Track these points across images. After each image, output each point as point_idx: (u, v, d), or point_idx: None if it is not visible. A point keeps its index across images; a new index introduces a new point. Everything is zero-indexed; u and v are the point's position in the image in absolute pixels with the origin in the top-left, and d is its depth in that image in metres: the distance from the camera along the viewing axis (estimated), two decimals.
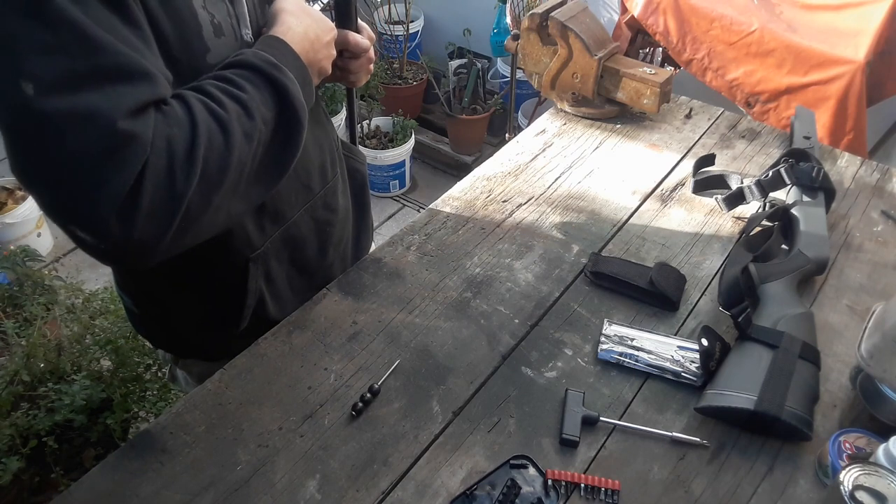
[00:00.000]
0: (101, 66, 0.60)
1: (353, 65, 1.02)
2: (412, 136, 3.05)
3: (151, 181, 0.62)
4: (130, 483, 0.83)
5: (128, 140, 0.60)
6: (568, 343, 1.01)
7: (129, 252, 0.64)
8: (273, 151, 0.75)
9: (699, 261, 1.15)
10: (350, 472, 0.85)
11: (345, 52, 1.00)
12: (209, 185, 0.66)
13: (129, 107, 0.60)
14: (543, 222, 1.23)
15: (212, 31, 0.76)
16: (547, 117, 1.51)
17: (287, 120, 0.76)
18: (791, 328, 0.93)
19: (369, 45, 1.01)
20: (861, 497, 0.68)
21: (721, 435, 0.89)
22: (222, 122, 0.68)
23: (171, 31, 0.71)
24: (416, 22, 3.32)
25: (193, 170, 0.64)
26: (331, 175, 1.07)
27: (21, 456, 1.45)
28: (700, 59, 2.10)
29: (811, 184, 1.17)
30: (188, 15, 0.73)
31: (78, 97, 0.59)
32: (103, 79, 0.60)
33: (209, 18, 0.76)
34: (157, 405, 1.66)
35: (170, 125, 0.64)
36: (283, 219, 0.98)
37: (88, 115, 0.59)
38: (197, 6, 0.74)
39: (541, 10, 1.45)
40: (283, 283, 1.04)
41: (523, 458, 0.86)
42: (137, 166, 0.61)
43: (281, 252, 1.01)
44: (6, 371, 1.57)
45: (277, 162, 0.77)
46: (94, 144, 0.59)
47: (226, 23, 0.79)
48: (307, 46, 0.82)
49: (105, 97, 0.60)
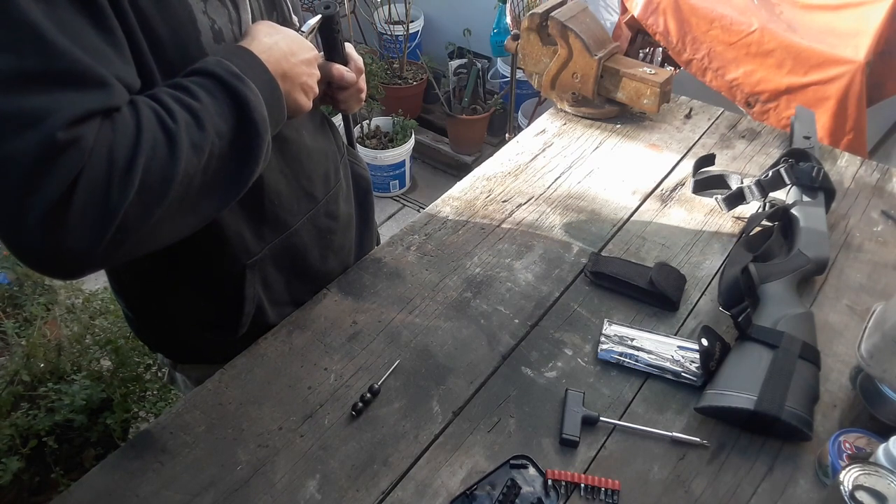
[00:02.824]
0: (52, 69, 0.58)
1: (341, 95, 1.02)
2: (412, 136, 3.05)
3: (85, 191, 0.59)
4: (130, 483, 0.83)
5: (65, 147, 0.58)
6: (568, 343, 1.01)
7: (58, 262, 0.62)
8: (229, 165, 0.71)
9: (699, 261, 1.15)
10: (350, 472, 0.85)
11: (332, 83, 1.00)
12: (149, 196, 0.63)
13: (73, 114, 0.58)
14: (543, 222, 1.23)
15: (211, 36, 0.75)
16: (547, 117, 1.52)
17: (246, 133, 0.71)
18: (791, 328, 0.93)
19: (355, 78, 1.00)
20: (861, 497, 0.68)
21: (721, 435, 0.89)
22: (169, 132, 0.65)
23: (167, 34, 0.70)
24: (416, 22, 3.32)
25: (131, 181, 0.61)
26: (333, 182, 1.06)
27: (21, 456, 1.45)
28: (700, 59, 2.10)
29: (811, 184, 1.17)
30: (186, 19, 0.73)
31: (24, 98, 0.57)
32: (52, 82, 0.58)
33: (209, 24, 0.75)
34: (157, 405, 1.66)
35: (114, 134, 0.62)
36: (284, 227, 0.97)
37: (30, 118, 0.57)
38: (197, 11, 0.74)
39: (541, 10, 1.45)
40: (283, 290, 1.04)
41: (523, 458, 0.86)
42: (71, 175, 0.58)
43: (281, 259, 1.00)
44: (6, 371, 1.57)
45: (234, 176, 0.73)
46: (31, 149, 0.57)
47: (227, 29, 0.78)
48: (277, 57, 0.78)
49: (51, 101, 0.58)
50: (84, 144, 0.59)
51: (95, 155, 0.60)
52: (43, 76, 0.58)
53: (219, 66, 0.71)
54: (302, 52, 0.82)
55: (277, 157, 0.91)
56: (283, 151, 0.92)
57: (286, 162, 0.93)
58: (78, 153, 0.59)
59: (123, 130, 0.62)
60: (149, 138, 0.63)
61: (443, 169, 3.27)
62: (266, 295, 1.00)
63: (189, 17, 0.73)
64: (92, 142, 0.59)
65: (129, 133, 0.62)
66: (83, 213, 0.59)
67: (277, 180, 0.92)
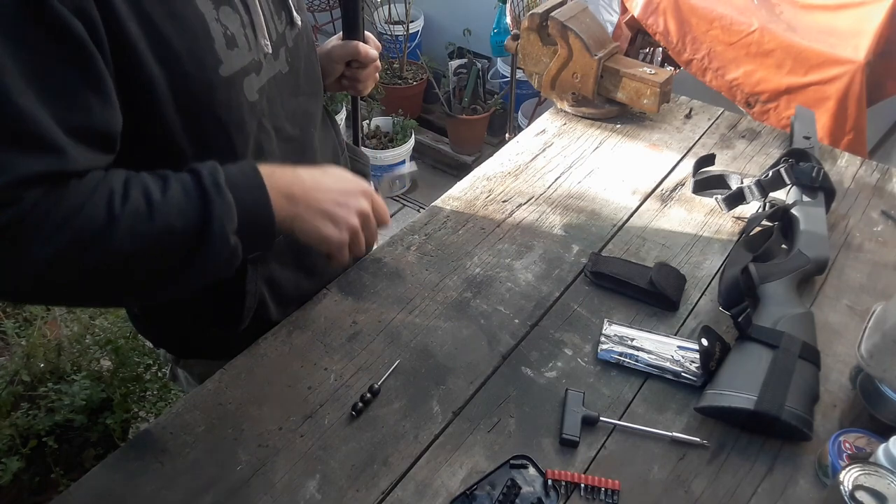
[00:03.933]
0: (10, 129, 0.59)
1: (360, 74, 1.05)
2: (412, 136, 3.05)
3: (9, 239, 0.61)
4: (130, 483, 0.83)
5: (4, 203, 0.60)
6: (568, 343, 1.01)
7: None
8: (172, 260, 0.69)
9: (699, 261, 1.15)
10: (350, 472, 0.85)
11: (353, 62, 1.04)
12: (71, 261, 0.64)
13: (19, 176, 0.60)
14: (543, 222, 1.23)
15: (224, 43, 0.75)
16: (547, 117, 1.51)
17: (200, 239, 0.69)
18: (791, 328, 0.94)
19: (376, 55, 1.03)
20: (861, 497, 0.68)
21: (721, 435, 0.89)
22: (111, 213, 0.65)
23: (181, 46, 0.71)
24: (416, 22, 3.32)
25: (56, 240, 0.63)
26: None
27: (21, 456, 1.45)
28: (700, 59, 2.10)
29: (811, 184, 1.17)
30: (199, 29, 0.73)
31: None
32: (9, 142, 0.60)
33: (222, 31, 0.75)
34: (157, 405, 1.66)
35: (59, 199, 0.63)
36: None
37: None
38: (209, 19, 0.74)
39: (541, 10, 1.45)
40: (291, 287, 1.04)
41: (523, 458, 0.86)
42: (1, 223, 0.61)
43: (285, 255, 1.01)
44: (6, 371, 1.57)
45: (176, 272, 0.71)
46: None
47: (239, 34, 0.78)
48: (290, 181, 0.76)
49: (4, 159, 0.59)
50: (23, 205, 0.61)
51: (31, 213, 0.62)
52: (1, 134, 0.59)
53: (208, 171, 0.71)
54: (340, 184, 0.79)
55: (284, 154, 0.91)
56: (289, 149, 0.93)
57: (292, 159, 0.93)
58: (15, 210, 0.61)
59: (70, 199, 0.64)
60: (88, 213, 0.64)
61: (443, 169, 3.27)
62: (269, 291, 1.00)
63: (202, 27, 0.73)
64: (30, 204, 0.61)
65: (74, 203, 0.64)
66: (3, 257, 0.62)
67: None
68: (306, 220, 0.77)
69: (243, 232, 0.71)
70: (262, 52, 0.82)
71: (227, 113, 0.79)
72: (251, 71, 0.80)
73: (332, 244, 0.78)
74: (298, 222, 0.76)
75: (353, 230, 0.78)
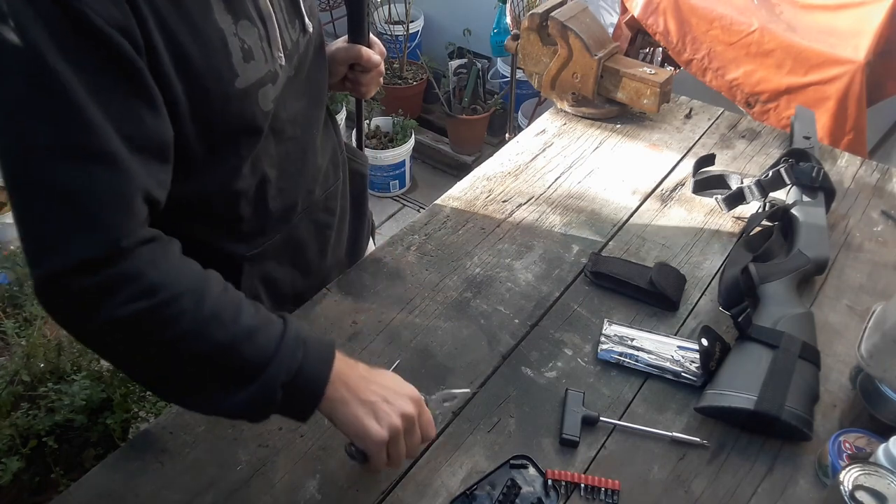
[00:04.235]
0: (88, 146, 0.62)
1: (363, 78, 1.07)
2: (412, 136, 3.04)
3: (98, 282, 0.62)
4: (130, 483, 0.83)
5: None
6: (568, 343, 1.01)
7: (48, 305, 0.66)
8: (213, 378, 0.69)
9: (699, 261, 1.15)
10: (350, 472, 0.85)
11: (356, 65, 1.05)
12: (128, 333, 0.65)
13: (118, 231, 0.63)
14: (543, 222, 1.23)
15: (241, 56, 0.76)
16: (547, 117, 1.51)
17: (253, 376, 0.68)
18: (791, 328, 0.94)
19: (380, 60, 1.04)
20: (861, 497, 0.68)
21: (721, 435, 0.89)
22: (199, 306, 0.67)
23: (202, 62, 0.71)
24: (416, 22, 3.32)
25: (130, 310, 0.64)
26: (333, 179, 1.07)
27: (21, 456, 1.45)
28: (700, 59, 2.10)
29: (811, 184, 1.17)
30: (219, 45, 0.73)
31: (77, 171, 0.61)
32: (88, 159, 0.62)
33: (239, 45, 0.76)
34: (157, 405, 1.66)
35: (157, 259, 0.66)
36: (285, 222, 0.98)
37: (75, 192, 0.61)
38: (228, 34, 0.74)
39: (541, 10, 1.45)
40: (287, 285, 1.04)
41: (523, 458, 0.86)
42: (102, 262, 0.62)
43: (281, 254, 1.01)
44: (6, 371, 1.57)
45: (204, 386, 0.70)
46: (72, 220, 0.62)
47: (256, 47, 0.78)
48: (346, 370, 0.74)
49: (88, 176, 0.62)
50: (129, 265, 0.64)
51: (129, 277, 0.64)
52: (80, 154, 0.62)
53: (294, 323, 0.73)
54: (392, 383, 0.78)
55: (286, 155, 0.92)
56: (290, 150, 0.93)
57: (291, 160, 0.93)
58: (120, 269, 0.63)
59: (167, 264, 0.67)
60: (177, 294, 0.66)
61: (443, 169, 3.27)
62: (265, 290, 1.00)
63: (222, 42, 0.74)
64: (136, 268, 0.64)
65: (171, 271, 0.67)
66: (78, 296, 0.63)
67: (282, 177, 0.93)
68: (350, 406, 0.73)
69: (289, 392, 0.70)
70: (278, 64, 0.83)
71: (240, 122, 0.80)
72: (267, 82, 0.81)
73: (371, 439, 0.73)
74: (342, 407, 0.73)
75: (395, 431, 0.74)
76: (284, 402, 0.70)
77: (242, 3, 0.76)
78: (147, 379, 0.72)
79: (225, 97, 0.75)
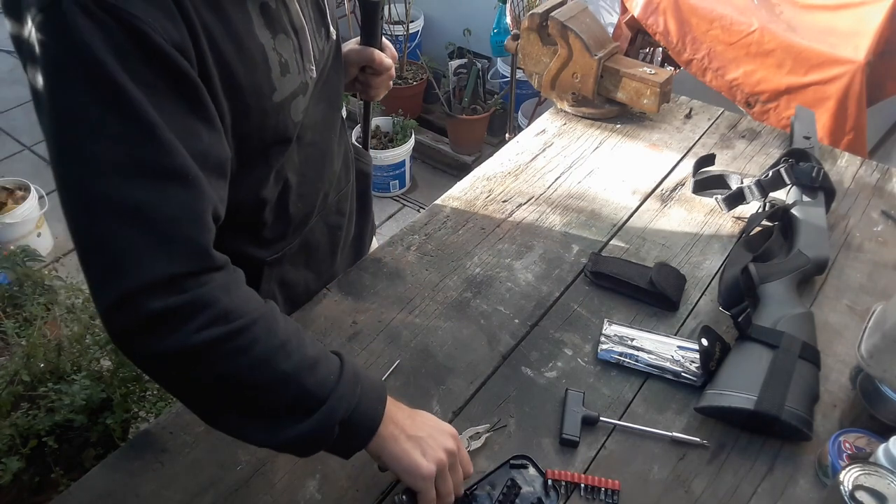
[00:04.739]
0: (162, 165, 0.61)
1: (374, 80, 1.08)
2: (412, 136, 3.04)
3: (178, 309, 0.61)
4: (130, 483, 0.83)
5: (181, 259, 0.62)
6: (568, 343, 1.01)
7: (114, 338, 0.63)
8: (270, 406, 0.68)
9: (699, 261, 1.15)
10: (350, 472, 0.84)
11: (367, 68, 1.07)
12: (202, 361, 0.63)
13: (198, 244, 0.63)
14: (543, 222, 1.23)
15: (279, 71, 0.77)
16: (547, 117, 1.51)
17: (311, 408, 0.67)
18: (791, 328, 0.93)
19: (391, 64, 1.05)
20: (861, 497, 0.68)
21: (721, 435, 0.89)
22: (272, 341, 0.66)
23: (245, 79, 0.72)
24: (416, 22, 3.32)
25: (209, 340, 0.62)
26: (344, 182, 1.09)
27: (21, 456, 1.45)
28: (700, 59, 2.10)
29: (811, 184, 1.17)
30: (261, 60, 0.74)
31: (151, 189, 0.61)
32: (165, 177, 0.61)
33: (277, 59, 0.77)
34: (157, 405, 1.66)
35: (229, 283, 0.65)
36: (304, 225, 0.99)
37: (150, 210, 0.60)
38: (268, 49, 0.75)
39: (541, 10, 1.45)
40: (302, 287, 1.05)
41: (523, 458, 0.86)
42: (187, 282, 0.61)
43: (297, 257, 1.02)
44: (6, 371, 1.57)
45: (261, 416, 0.68)
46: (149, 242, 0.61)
47: (291, 59, 0.79)
48: (400, 415, 0.76)
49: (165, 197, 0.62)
50: (204, 291, 0.62)
51: (212, 291, 0.63)
52: (162, 170, 0.61)
53: (350, 360, 0.72)
54: (433, 422, 0.79)
55: (304, 161, 0.92)
56: (310, 155, 0.93)
57: (311, 165, 0.94)
58: (196, 294, 0.62)
59: (238, 290, 0.66)
60: (251, 321, 0.65)
61: (443, 169, 3.27)
62: (280, 291, 1.01)
63: (262, 57, 0.74)
64: (210, 294, 0.63)
65: (242, 297, 0.66)
66: (160, 319, 0.61)
67: (302, 182, 0.94)
68: (399, 443, 0.74)
69: (345, 427, 0.70)
70: (309, 76, 0.84)
71: (274, 134, 0.81)
72: (299, 94, 0.82)
73: (420, 472, 0.73)
74: (391, 444, 0.74)
75: (442, 465, 0.75)
76: (338, 437, 0.69)
77: (280, 17, 0.77)
78: (206, 408, 0.69)
79: (263, 112, 0.76)
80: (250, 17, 0.72)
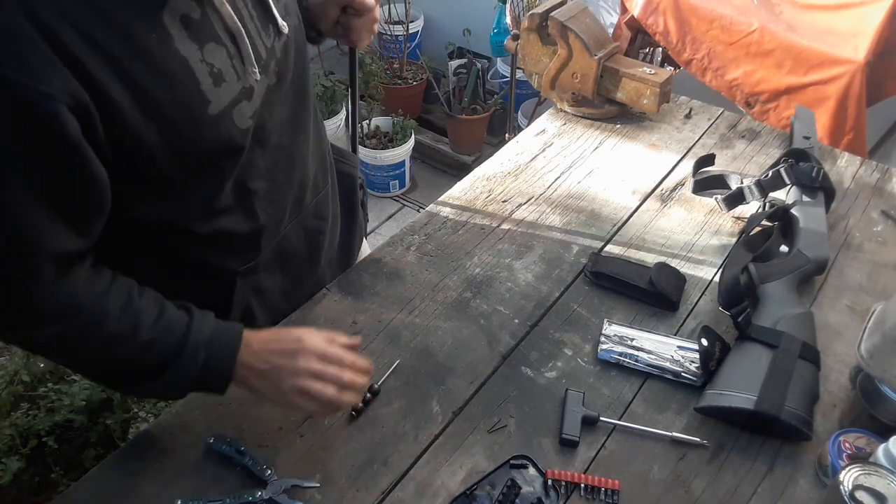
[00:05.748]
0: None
1: (356, 22, 0.99)
2: (412, 136, 3.04)
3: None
4: (130, 483, 0.83)
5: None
6: (568, 343, 1.01)
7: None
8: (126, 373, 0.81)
9: (699, 261, 1.15)
10: (350, 472, 0.85)
11: (349, 8, 0.97)
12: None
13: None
14: (543, 222, 1.23)
15: (211, 82, 0.74)
16: (547, 117, 1.51)
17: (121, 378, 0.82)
18: (791, 328, 0.94)
19: (374, 4, 0.97)
20: (861, 497, 0.68)
21: (721, 435, 0.89)
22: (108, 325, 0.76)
23: (166, 97, 0.70)
24: (416, 22, 3.31)
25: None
26: (322, 185, 1.04)
27: (21, 456, 1.45)
28: (700, 59, 2.10)
29: (811, 184, 1.17)
30: (184, 76, 0.71)
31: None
32: None
33: (207, 70, 0.73)
34: (157, 405, 1.66)
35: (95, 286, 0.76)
36: (277, 233, 0.96)
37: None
38: (193, 62, 0.72)
39: (541, 10, 1.45)
40: (277, 295, 1.02)
41: (523, 458, 0.86)
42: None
43: (272, 264, 0.98)
44: (6, 371, 1.57)
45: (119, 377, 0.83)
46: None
47: (226, 67, 0.76)
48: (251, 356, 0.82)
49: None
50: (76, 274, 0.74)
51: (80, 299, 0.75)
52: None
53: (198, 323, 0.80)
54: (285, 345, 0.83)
55: (272, 165, 0.89)
56: (279, 159, 0.90)
57: (280, 169, 0.91)
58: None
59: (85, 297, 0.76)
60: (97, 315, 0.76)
61: (443, 169, 3.27)
62: (256, 300, 0.99)
63: (187, 73, 0.71)
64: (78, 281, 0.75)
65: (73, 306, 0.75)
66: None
67: (272, 188, 0.90)
68: (249, 382, 0.82)
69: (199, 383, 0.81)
70: (253, 79, 0.80)
71: (216, 145, 0.78)
72: (242, 99, 0.78)
73: (282, 403, 0.84)
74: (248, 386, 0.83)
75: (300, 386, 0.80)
76: (198, 387, 0.81)
77: (208, 26, 0.73)
78: (81, 374, 0.89)
79: (197, 126, 0.74)
80: (168, 32, 0.69)
